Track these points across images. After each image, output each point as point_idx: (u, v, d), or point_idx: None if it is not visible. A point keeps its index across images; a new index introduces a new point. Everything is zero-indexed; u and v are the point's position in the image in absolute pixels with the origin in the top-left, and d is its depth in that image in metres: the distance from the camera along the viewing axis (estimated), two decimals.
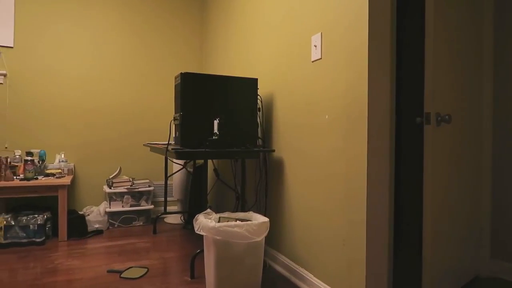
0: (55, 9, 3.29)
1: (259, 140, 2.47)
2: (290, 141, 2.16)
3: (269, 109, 2.42)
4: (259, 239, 1.80)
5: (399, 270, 1.92)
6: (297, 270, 2.04)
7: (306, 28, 1.99)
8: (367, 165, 1.54)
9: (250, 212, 2.03)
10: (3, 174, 2.71)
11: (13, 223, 2.63)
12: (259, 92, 2.53)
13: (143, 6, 3.62)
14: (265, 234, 1.83)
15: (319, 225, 1.88)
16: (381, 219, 1.59)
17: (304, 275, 1.97)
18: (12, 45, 3.15)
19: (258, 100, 2.46)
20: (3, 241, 2.60)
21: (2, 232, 2.60)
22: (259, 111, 2.47)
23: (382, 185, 1.58)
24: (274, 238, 2.32)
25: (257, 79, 2.32)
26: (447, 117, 1.70)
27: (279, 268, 2.24)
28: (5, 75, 3.14)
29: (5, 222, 2.62)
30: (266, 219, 1.87)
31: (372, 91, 1.55)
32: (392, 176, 1.66)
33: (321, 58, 1.86)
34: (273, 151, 2.30)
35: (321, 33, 1.85)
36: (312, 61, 1.93)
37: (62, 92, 3.33)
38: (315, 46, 1.89)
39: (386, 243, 1.61)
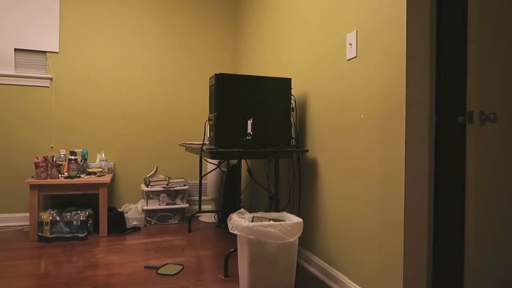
0: (97, 15, 3.44)
1: (293, 140, 2.46)
2: (324, 141, 2.13)
3: (303, 109, 2.40)
4: (292, 239, 1.79)
5: (438, 274, 1.84)
6: (331, 272, 2.01)
7: (340, 26, 1.96)
8: (404, 166, 1.50)
9: (284, 212, 2.02)
10: (49, 173, 2.87)
11: (58, 219, 2.78)
12: (292, 92, 2.52)
13: (180, 9, 3.71)
14: (299, 234, 1.82)
15: (353, 227, 1.84)
16: (420, 223, 1.53)
17: (338, 277, 1.94)
18: (57, 51, 3.33)
19: (292, 100, 2.45)
20: (49, 235, 2.76)
21: (49, 227, 2.76)
22: (293, 111, 2.46)
23: (420, 187, 1.52)
24: (308, 239, 2.30)
25: (290, 79, 2.31)
26: (492, 115, 1.61)
27: (312, 270, 2.22)
28: (51, 79, 3.32)
29: (51, 217, 2.77)
30: (299, 220, 1.86)
31: (411, 89, 1.50)
32: (432, 177, 1.60)
33: (356, 57, 1.82)
34: (307, 151, 2.28)
35: (356, 30, 1.81)
36: (347, 60, 1.90)
37: (102, 94, 3.48)
38: (350, 44, 1.85)
39: (425, 247, 1.55)
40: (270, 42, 2.98)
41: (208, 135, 2.42)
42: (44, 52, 3.31)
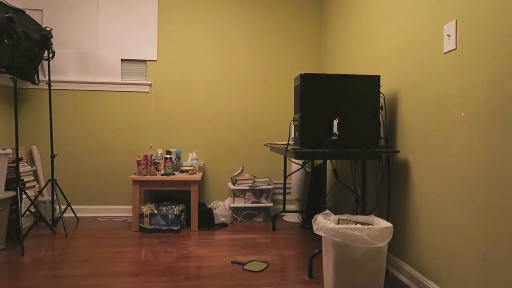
0: (188, 24, 3.69)
1: (382, 140, 2.34)
2: (417, 141, 1.99)
3: (393, 107, 2.27)
4: (381, 244, 1.70)
5: None
6: (424, 282, 1.86)
7: (436, 17, 1.81)
8: None
9: (371, 215, 1.93)
10: (149, 170, 3.16)
11: (156, 212, 3.05)
12: (381, 89, 2.39)
13: (266, 11, 3.79)
14: (388, 240, 1.72)
15: (451, 235, 1.68)
16: None
17: None
18: (155, 59, 3.66)
19: (381, 98, 2.33)
20: (148, 227, 3.04)
21: (148, 219, 3.04)
22: (382, 109, 2.33)
23: None
24: (398, 245, 2.16)
25: (379, 76, 2.21)
26: None
27: (403, 278, 2.08)
28: (150, 85, 3.66)
29: (150, 210, 3.05)
30: (389, 224, 1.76)
31: None
32: None
33: (455, 49, 1.66)
34: (398, 152, 2.15)
35: (456, 20, 1.65)
36: (445, 53, 1.74)
37: (194, 97, 3.73)
38: (448, 35, 1.70)
39: None
40: (358, 38, 2.87)
41: (293, 135, 2.43)
42: (145, 61, 3.66)
